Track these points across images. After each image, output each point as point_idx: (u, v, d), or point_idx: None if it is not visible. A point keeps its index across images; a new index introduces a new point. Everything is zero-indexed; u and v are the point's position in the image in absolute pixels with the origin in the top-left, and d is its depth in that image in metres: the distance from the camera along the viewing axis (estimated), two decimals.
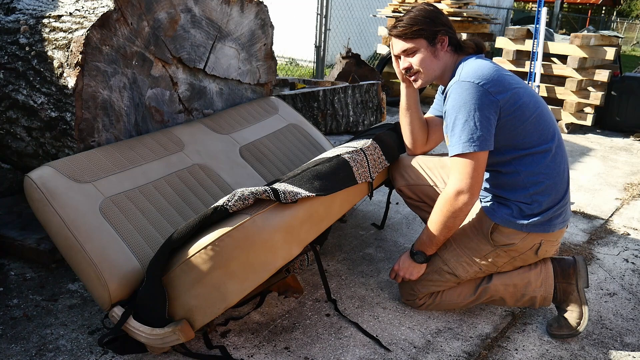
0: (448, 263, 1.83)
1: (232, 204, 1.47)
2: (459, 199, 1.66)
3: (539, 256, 1.81)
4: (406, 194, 2.08)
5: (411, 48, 1.77)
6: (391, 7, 6.01)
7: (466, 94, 1.61)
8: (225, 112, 2.40)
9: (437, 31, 1.75)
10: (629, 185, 3.64)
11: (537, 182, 1.69)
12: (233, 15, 2.39)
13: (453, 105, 1.63)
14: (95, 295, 1.56)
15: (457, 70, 1.72)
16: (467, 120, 1.61)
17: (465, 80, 1.63)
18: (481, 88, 1.61)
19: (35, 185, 1.59)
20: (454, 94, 1.64)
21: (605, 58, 4.98)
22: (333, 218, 1.75)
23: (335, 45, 8.43)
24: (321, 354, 1.68)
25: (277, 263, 1.50)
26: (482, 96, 1.61)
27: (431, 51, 1.77)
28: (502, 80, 1.65)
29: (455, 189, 1.66)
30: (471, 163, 1.63)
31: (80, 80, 1.81)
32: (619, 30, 23.22)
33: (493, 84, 1.62)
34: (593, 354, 1.77)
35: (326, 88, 3.24)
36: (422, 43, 1.76)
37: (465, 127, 1.61)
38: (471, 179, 1.64)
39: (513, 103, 1.65)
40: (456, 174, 1.66)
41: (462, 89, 1.62)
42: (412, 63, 1.79)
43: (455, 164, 1.66)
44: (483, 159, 1.64)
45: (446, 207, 1.70)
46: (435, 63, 1.78)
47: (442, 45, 1.77)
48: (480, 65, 1.67)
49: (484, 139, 1.61)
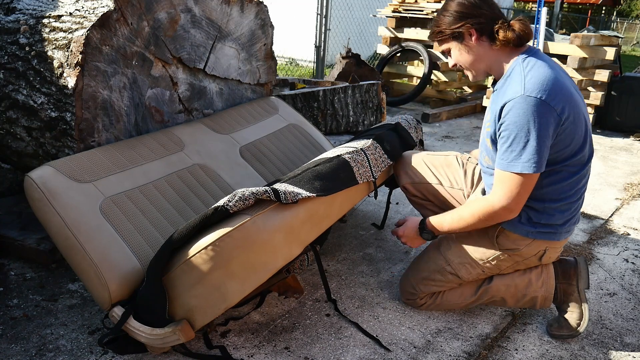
0: (451, 264, 1.82)
1: (233, 204, 1.47)
2: (501, 214, 1.65)
3: (543, 262, 1.81)
4: (410, 192, 2.07)
5: (446, 49, 1.76)
6: (391, 7, 6.01)
7: (531, 112, 1.54)
8: (225, 112, 2.40)
9: (458, 28, 1.68)
10: (629, 185, 3.64)
11: (556, 199, 1.68)
12: (233, 15, 2.39)
13: (516, 121, 1.56)
14: (95, 295, 1.56)
15: (515, 72, 1.64)
16: (530, 141, 1.55)
17: (531, 96, 1.55)
18: (548, 106, 1.54)
19: (35, 185, 1.59)
20: (519, 109, 1.56)
21: (605, 58, 4.98)
22: (333, 218, 1.75)
23: (335, 45, 8.43)
24: (321, 354, 1.68)
25: (277, 263, 1.50)
26: (547, 114, 1.54)
27: (463, 48, 1.71)
28: (566, 94, 1.59)
29: (502, 205, 1.63)
30: (524, 183, 1.60)
31: (80, 80, 1.81)
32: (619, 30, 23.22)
33: (558, 101, 1.56)
34: (593, 354, 1.77)
35: (326, 88, 3.24)
36: (452, 43, 1.73)
37: (528, 147, 1.56)
38: (519, 198, 1.62)
39: (572, 121, 1.59)
40: (506, 190, 1.62)
41: (527, 105, 1.54)
42: (454, 61, 1.77)
43: (508, 179, 1.61)
44: (535, 180, 1.61)
45: (484, 215, 1.68)
46: (474, 58, 1.71)
47: (472, 38, 1.69)
48: (544, 74, 1.59)
49: (542, 161, 1.57)
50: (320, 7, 6.14)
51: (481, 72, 1.75)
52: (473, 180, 1.98)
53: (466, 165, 2.01)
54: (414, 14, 5.78)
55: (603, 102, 5.05)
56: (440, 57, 5.69)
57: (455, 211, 1.77)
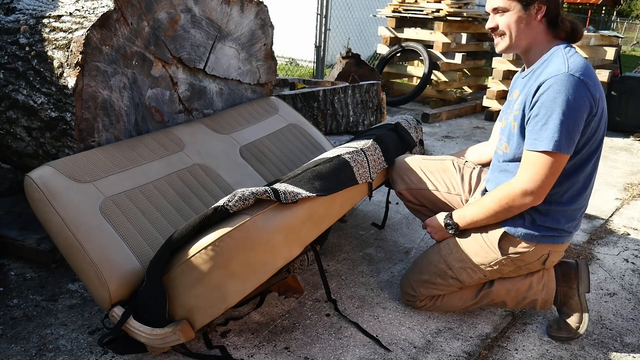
0: (452, 268, 1.81)
1: (233, 204, 1.47)
2: (523, 199, 1.59)
3: (546, 266, 1.79)
4: (406, 198, 2.06)
5: (502, 7, 1.65)
6: (391, 7, 6.01)
7: (573, 89, 1.50)
8: (225, 112, 2.40)
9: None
10: (629, 185, 3.64)
11: (563, 202, 1.66)
12: (233, 15, 2.39)
13: (555, 97, 1.51)
14: (95, 295, 1.56)
15: (556, 55, 1.60)
16: (567, 119, 1.50)
17: (574, 75, 1.51)
18: (588, 90, 1.51)
19: (35, 185, 1.59)
20: (560, 86, 1.51)
21: (605, 58, 4.98)
22: (333, 218, 1.75)
23: (335, 45, 8.43)
24: (321, 354, 1.68)
25: (277, 263, 1.50)
26: (585, 98, 1.51)
27: (523, 16, 1.63)
28: (600, 88, 1.57)
29: (524, 187, 1.57)
30: (553, 163, 1.54)
31: (80, 80, 1.81)
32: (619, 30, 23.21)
33: (596, 89, 1.54)
34: (593, 354, 1.77)
35: (326, 88, 3.24)
36: (517, 5, 1.63)
37: (563, 126, 1.50)
38: (544, 180, 1.56)
39: (600, 116, 1.58)
40: (530, 172, 1.56)
41: (569, 82, 1.50)
42: (499, 23, 1.67)
43: (534, 159, 1.55)
44: (564, 162, 1.55)
45: (505, 201, 1.62)
46: (524, 31, 1.64)
47: (538, 14, 1.62)
48: (585, 62, 1.56)
49: (572, 142, 1.53)
50: (320, 7, 6.14)
51: (519, 47, 1.68)
52: (470, 185, 1.96)
53: (463, 169, 1.99)
54: (414, 14, 5.78)
55: None
56: (440, 57, 5.69)
57: (477, 201, 1.73)
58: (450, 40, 5.67)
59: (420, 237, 2.59)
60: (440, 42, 5.64)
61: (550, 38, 1.66)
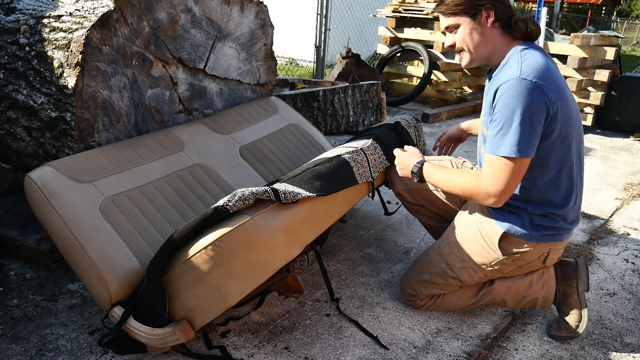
0: (453, 268, 1.81)
1: (233, 204, 1.47)
2: (486, 199, 1.61)
3: (546, 264, 1.79)
4: (405, 198, 2.07)
5: (453, 24, 1.67)
6: (391, 7, 6.01)
7: (524, 94, 1.51)
8: (225, 112, 2.40)
9: (479, 5, 1.62)
10: (629, 185, 3.64)
11: (554, 205, 1.66)
12: (233, 15, 2.39)
13: (508, 103, 1.53)
14: (95, 295, 1.56)
15: (512, 59, 1.61)
16: (522, 124, 1.51)
17: (526, 79, 1.51)
18: (542, 92, 1.51)
19: (35, 185, 1.59)
20: (512, 91, 1.52)
21: (605, 58, 4.98)
22: (333, 218, 1.75)
23: (335, 45, 8.43)
24: (321, 354, 1.68)
25: (277, 263, 1.50)
26: (540, 100, 1.51)
27: (474, 27, 1.64)
28: (561, 85, 1.57)
29: (487, 190, 1.59)
30: (513, 168, 1.55)
31: (80, 80, 1.81)
32: (619, 30, 23.21)
33: (552, 90, 1.53)
34: (593, 354, 1.77)
35: (326, 88, 3.24)
36: (465, 19, 1.64)
37: (518, 131, 1.52)
38: (506, 185, 1.57)
39: (563, 116, 1.57)
40: (492, 175, 1.58)
41: (521, 87, 1.51)
42: (456, 40, 1.69)
43: (496, 163, 1.57)
44: (525, 165, 1.57)
45: (469, 192, 1.65)
46: (480, 41, 1.65)
47: (488, 20, 1.63)
48: (542, 62, 1.56)
49: (532, 146, 1.54)
50: (320, 7, 6.14)
51: (481, 57, 1.69)
52: None
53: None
54: (414, 14, 5.78)
55: (603, 102, 5.05)
56: (440, 57, 5.69)
57: (448, 171, 1.73)
58: None
59: (420, 237, 2.59)
60: (440, 42, 5.64)
61: (508, 41, 1.67)
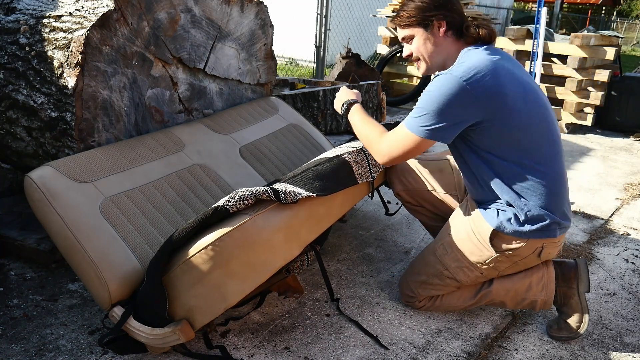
0: (449, 268, 1.80)
1: (233, 204, 1.47)
2: (375, 155, 1.73)
3: (542, 259, 1.77)
4: (404, 199, 2.08)
5: (408, 35, 1.76)
6: (391, 7, 6.00)
7: (446, 87, 1.56)
8: (225, 112, 2.40)
9: (431, 16, 1.69)
10: (629, 185, 3.64)
11: (533, 195, 1.65)
12: (233, 15, 2.39)
13: (431, 91, 1.59)
14: (95, 295, 1.56)
15: (457, 61, 1.66)
16: (435, 111, 1.57)
17: (453, 75, 1.56)
18: (466, 92, 1.54)
19: (35, 185, 1.59)
20: (437, 82, 1.59)
21: (605, 58, 4.98)
22: (333, 218, 1.75)
23: (335, 45, 8.43)
24: (321, 354, 1.68)
25: (277, 263, 1.50)
26: (463, 96, 1.55)
27: (428, 37, 1.72)
28: (496, 80, 1.57)
29: (381, 149, 1.71)
30: (411, 143, 1.64)
31: (80, 80, 1.81)
32: (619, 30, 23.21)
33: (485, 88, 1.55)
34: (593, 354, 1.77)
35: (326, 88, 3.24)
36: (418, 30, 1.73)
37: (430, 116, 1.58)
38: (398, 154, 1.68)
39: (501, 106, 1.57)
40: (393, 141, 1.68)
41: (446, 80, 1.56)
42: (412, 50, 1.76)
43: (401, 133, 1.66)
44: (424, 146, 1.65)
45: (368, 142, 1.77)
46: (434, 50, 1.72)
47: (440, 30, 1.70)
48: (478, 59, 1.59)
49: (438, 134, 1.60)
50: (320, 7, 6.14)
51: (437, 65, 1.75)
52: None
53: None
54: None
55: (603, 102, 5.05)
56: None
57: (367, 120, 1.82)
58: None
59: (420, 237, 2.59)
60: None
61: (462, 46, 1.72)
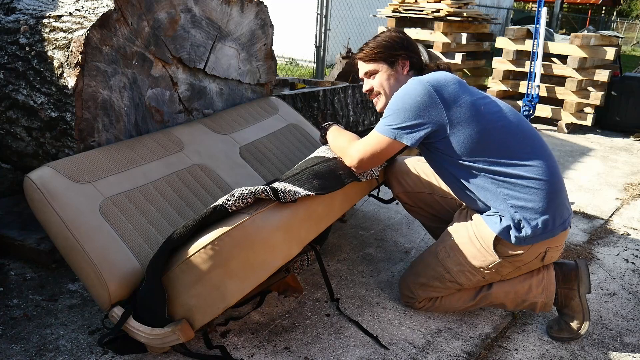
0: (450, 272, 1.80)
1: (232, 203, 1.47)
2: (346, 160, 1.78)
3: (545, 262, 1.77)
4: (404, 200, 2.09)
5: (372, 70, 1.85)
6: (391, 7, 6.01)
7: (411, 89, 1.65)
8: (225, 112, 2.40)
9: (397, 55, 1.81)
10: (629, 185, 3.64)
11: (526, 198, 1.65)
12: (233, 15, 2.39)
13: (399, 96, 1.67)
14: (95, 295, 1.56)
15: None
16: (399, 109, 1.65)
17: (422, 80, 1.66)
18: (430, 87, 1.63)
19: (35, 186, 1.59)
20: (406, 87, 1.68)
21: (605, 58, 4.98)
22: (333, 217, 1.75)
23: (335, 45, 8.43)
24: (321, 354, 1.68)
25: (276, 262, 1.50)
26: (425, 94, 1.63)
27: (391, 73, 1.83)
28: (459, 87, 1.67)
29: (351, 154, 1.74)
30: (379, 145, 1.69)
31: (80, 80, 1.81)
32: (619, 30, 23.21)
33: (449, 97, 1.64)
34: (593, 354, 1.77)
35: (326, 88, 3.24)
36: (382, 66, 1.83)
37: (397, 116, 1.65)
38: (367, 158, 1.72)
39: (466, 109, 1.64)
40: (363, 145, 1.73)
41: (415, 85, 1.66)
42: (374, 85, 1.85)
43: (371, 136, 1.71)
44: (393, 148, 1.69)
45: (340, 150, 1.82)
46: (395, 85, 1.81)
47: (403, 68, 1.83)
48: (444, 75, 1.70)
49: (402, 130, 1.65)
50: (320, 7, 6.14)
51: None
52: None
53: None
54: (414, 14, 5.78)
55: (603, 102, 5.05)
56: (440, 57, 5.69)
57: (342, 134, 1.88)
58: (450, 40, 5.67)
59: (420, 237, 2.59)
60: (440, 42, 5.64)
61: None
